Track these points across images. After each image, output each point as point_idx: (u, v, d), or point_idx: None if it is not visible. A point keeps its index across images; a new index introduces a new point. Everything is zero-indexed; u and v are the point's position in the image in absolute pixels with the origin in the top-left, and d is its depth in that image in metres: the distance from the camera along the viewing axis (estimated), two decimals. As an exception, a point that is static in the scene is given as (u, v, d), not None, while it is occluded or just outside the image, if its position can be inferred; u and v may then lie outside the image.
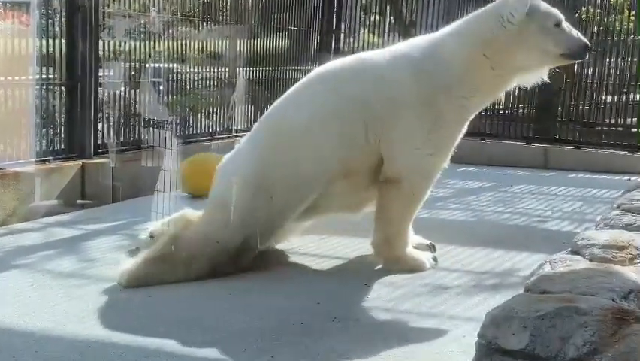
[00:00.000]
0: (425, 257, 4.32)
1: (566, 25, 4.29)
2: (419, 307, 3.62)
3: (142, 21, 7.11)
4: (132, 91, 7.00)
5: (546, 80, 4.52)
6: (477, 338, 2.11)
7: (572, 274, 2.48)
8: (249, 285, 3.97)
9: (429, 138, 4.16)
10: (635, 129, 8.56)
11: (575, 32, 4.32)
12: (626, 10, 9.22)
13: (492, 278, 4.11)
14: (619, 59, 8.76)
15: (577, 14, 9.08)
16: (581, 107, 8.86)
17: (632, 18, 9.10)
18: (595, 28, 9.01)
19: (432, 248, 4.55)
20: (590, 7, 9.09)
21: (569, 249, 2.85)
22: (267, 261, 4.34)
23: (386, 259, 4.29)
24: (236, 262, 4.11)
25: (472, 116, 4.42)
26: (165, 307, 3.63)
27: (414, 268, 4.19)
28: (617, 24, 9.09)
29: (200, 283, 3.98)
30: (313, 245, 4.71)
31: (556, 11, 4.30)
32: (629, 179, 6.98)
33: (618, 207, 3.63)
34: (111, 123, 6.79)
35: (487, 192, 6.56)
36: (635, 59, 8.67)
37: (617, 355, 1.92)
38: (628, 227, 3.21)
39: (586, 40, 4.39)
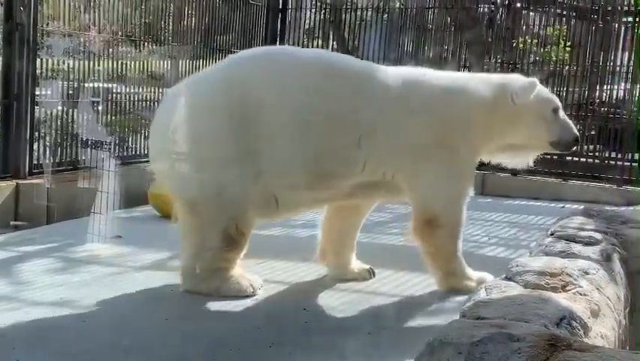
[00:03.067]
0: (477, 274, 4.41)
1: (561, 114, 4.50)
2: (358, 331, 3.63)
3: (81, 40, 7.04)
4: (70, 110, 6.91)
5: (531, 165, 4.77)
6: (415, 361, 2.14)
7: (506, 300, 2.53)
8: (187, 309, 3.94)
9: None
10: (569, 157, 8.76)
11: (569, 123, 4.54)
12: (561, 41, 9.49)
13: (429, 303, 4.16)
14: (554, 88, 8.99)
15: (514, 44, 9.32)
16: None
17: (568, 49, 9.36)
18: (531, 58, 9.24)
19: (371, 273, 4.60)
20: (527, 37, 9.33)
21: (504, 275, 2.91)
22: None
23: (457, 289, 4.31)
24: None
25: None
26: (100, 330, 3.58)
27: (478, 283, 4.14)
28: (552, 54, 9.34)
29: (135, 307, 3.94)
30: (252, 270, 4.70)
31: (554, 98, 4.54)
32: (564, 206, 7.14)
33: (552, 235, 3.72)
34: (47, 143, 6.69)
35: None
36: (570, 89, 8.89)
37: (549, 381, 1.96)
38: (561, 254, 3.29)
39: (576, 134, 4.60)
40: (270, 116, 4.10)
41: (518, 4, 9.28)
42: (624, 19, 9.10)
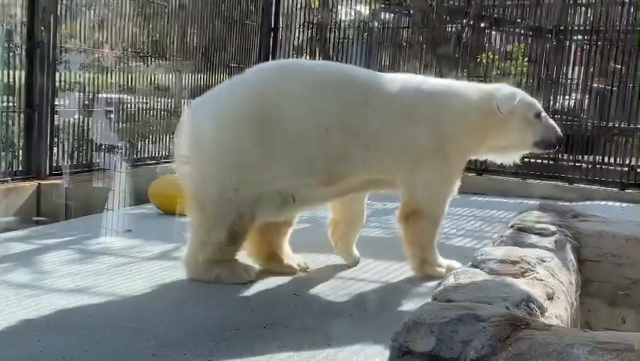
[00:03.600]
0: (447, 262, 4.45)
1: (544, 116, 4.52)
2: (343, 313, 3.63)
3: (96, 56, 7.01)
4: (85, 118, 6.88)
5: (518, 162, 4.86)
6: (391, 342, 2.13)
7: (473, 285, 2.53)
8: (190, 296, 3.92)
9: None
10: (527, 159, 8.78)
11: (552, 125, 4.55)
12: (520, 56, 9.52)
13: (405, 288, 4.16)
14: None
15: (478, 59, 9.34)
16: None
17: (525, 64, 9.39)
18: (494, 72, 9.26)
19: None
20: (490, 53, 9.35)
21: (470, 263, 2.91)
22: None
23: (430, 275, 4.34)
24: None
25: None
26: (112, 314, 3.55)
27: (448, 270, 4.11)
28: (512, 69, 9.36)
29: (144, 294, 3.91)
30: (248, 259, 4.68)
31: (536, 104, 4.55)
32: (522, 202, 7.16)
33: (512, 227, 3.72)
34: (66, 148, 6.66)
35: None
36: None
37: (510, 356, 1.96)
38: (520, 244, 3.29)
39: (560, 134, 4.59)
40: (290, 123, 4.08)
41: (482, 24, 9.29)
42: (575, 37, 9.12)
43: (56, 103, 6.49)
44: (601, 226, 4.05)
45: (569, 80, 8.96)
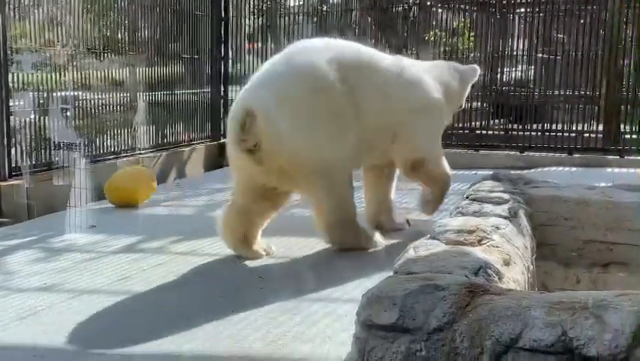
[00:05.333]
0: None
1: None
2: (306, 292, 3.62)
3: (47, 54, 6.84)
4: (42, 118, 6.73)
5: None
6: (356, 316, 2.14)
7: (432, 256, 2.55)
8: (157, 287, 3.85)
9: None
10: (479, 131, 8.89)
11: None
12: (466, 32, 9.58)
13: (366, 263, 4.16)
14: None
15: (426, 37, 9.38)
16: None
17: (472, 39, 9.47)
18: (442, 48, 9.31)
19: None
20: (437, 30, 9.39)
21: (429, 235, 2.93)
22: (172, 263, 4.27)
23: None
24: None
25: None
26: (79, 308, 3.49)
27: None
28: (459, 45, 9.43)
29: (110, 287, 3.86)
30: (217, 246, 4.65)
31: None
32: (476, 173, 7.23)
33: (467, 198, 3.76)
34: (24, 148, 6.51)
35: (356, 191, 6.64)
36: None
37: (471, 322, 1.98)
38: (475, 214, 3.33)
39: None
40: (362, 98, 4.42)
41: (428, 2, 9.32)
42: (518, 10, 9.20)
43: (11, 104, 6.32)
44: (552, 192, 4.12)
45: (514, 53, 9.05)
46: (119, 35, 7.94)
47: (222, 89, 9.71)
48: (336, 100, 4.26)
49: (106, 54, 7.71)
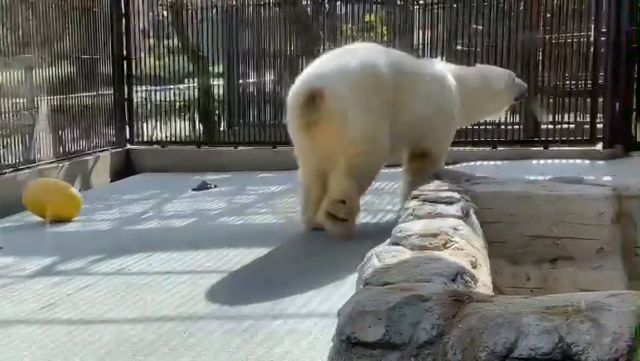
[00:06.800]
0: None
1: None
2: (260, 309, 3.51)
3: None
4: None
5: None
6: (336, 335, 2.08)
7: (403, 263, 2.51)
8: (80, 312, 3.66)
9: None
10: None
11: None
12: (377, 25, 9.68)
13: (316, 273, 4.09)
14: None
15: (339, 32, 9.41)
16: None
17: (385, 32, 9.57)
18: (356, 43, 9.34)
19: None
20: (349, 24, 9.45)
21: (389, 240, 2.90)
22: (99, 285, 4.07)
23: None
24: None
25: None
26: (15, 351, 3.22)
27: None
28: (372, 38, 9.50)
29: (27, 315, 3.63)
30: (145, 262, 4.48)
31: None
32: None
33: (415, 198, 3.76)
34: None
35: (289, 194, 6.59)
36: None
37: (461, 333, 1.96)
38: (430, 215, 3.33)
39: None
40: (406, 95, 5.02)
41: (339, -4, 9.36)
42: (432, 2, 9.32)
43: None
44: (494, 187, 4.19)
45: (419, 45, 9.14)
46: (9, 36, 7.51)
47: (126, 90, 9.40)
48: (386, 95, 4.88)
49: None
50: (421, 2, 9.17)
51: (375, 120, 4.85)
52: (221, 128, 9.56)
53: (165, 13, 9.81)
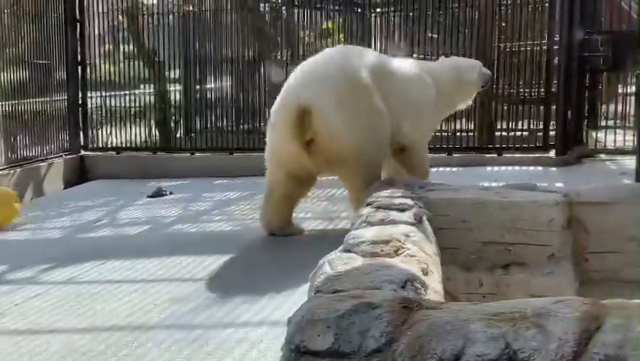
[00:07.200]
0: None
1: None
2: (212, 318, 3.48)
3: None
4: None
5: None
6: (285, 344, 2.06)
7: (355, 271, 2.51)
8: (41, 334, 3.53)
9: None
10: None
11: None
12: (336, 32, 9.70)
13: (269, 281, 4.06)
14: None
15: (298, 39, 9.40)
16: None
17: (342, 39, 9.60)
18: (312, 49, 9.36)
19: None
20: (307, 31, 9.45)
21: (342, 247, 2.89)
22: (49, 294, 3.98)
23: None
24: None
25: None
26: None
27: None
28: (330, 45, 9.50)
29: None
30: (97, 270, 4.39)
31: None
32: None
33: (369, 205, 3.76)
34: None
35: (245, 201, 6.56)
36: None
37: (410, 341, 1.95)
38: (383, 222, 3.33)
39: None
40: (396, 97, 5.15)
41: (296, 2, 9.35)
42: (378, 10, 9.38)
43: None
44: (448, 194, 4.22)
45: (387, 54, 9.22)
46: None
47: (80, 96, 9.26)
48: (373, 99, 4.96)
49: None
50: (378, 10, 9.22)
51: (366, 131, 4.90)
52: (178, 135, 9.49)
53: (121, 18, 9.69)
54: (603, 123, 8.90)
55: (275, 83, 8.62)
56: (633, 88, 8.80)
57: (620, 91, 9.22)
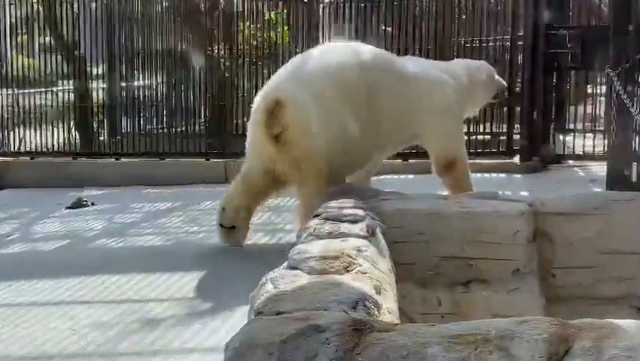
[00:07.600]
0: None
1: None
2: (138, 345, 3.42)
3: None
4: None
5: None
6: (223, 372, 2.04)
7: (300, 290, 2.50)
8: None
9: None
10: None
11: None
12: (279, 23, 9.73)
13: (205, 303, 4.04)
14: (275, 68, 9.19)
15: (237, 30, 9.38)
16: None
17: (287, 32, 9.63)
18: (256, 42, 9.37)
19: None
20: (248, 22, 9.45)
21: (286, 264, 2.88)
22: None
23: None
24: None
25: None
26: None
27: None
28: (274, 36, 9.53)
29: None
30: (4, 292, 4.29)
31: None
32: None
33: (316, 216, 3.76)
34: None
35: (177, 212, 6.51)
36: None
37: (363, 367, 1.96)
38: (331, 235, 3.33)
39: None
40: (383, 99, 5.22)
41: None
42: (326, 0, 9.44)
43: None
44: (402, 204, 4.24)
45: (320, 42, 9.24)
46: None
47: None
48: (357, 101, 5.08)
49: None
50: (326, 0, 9.28)
51: (341, 135, 5.00)
52: (101, 138, 9.37)
53: (36, 5, 9.54)
54: (571, 126, 9.07)
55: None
56: (603, 88, 8.99)
57: (589, 91, 9.36)
